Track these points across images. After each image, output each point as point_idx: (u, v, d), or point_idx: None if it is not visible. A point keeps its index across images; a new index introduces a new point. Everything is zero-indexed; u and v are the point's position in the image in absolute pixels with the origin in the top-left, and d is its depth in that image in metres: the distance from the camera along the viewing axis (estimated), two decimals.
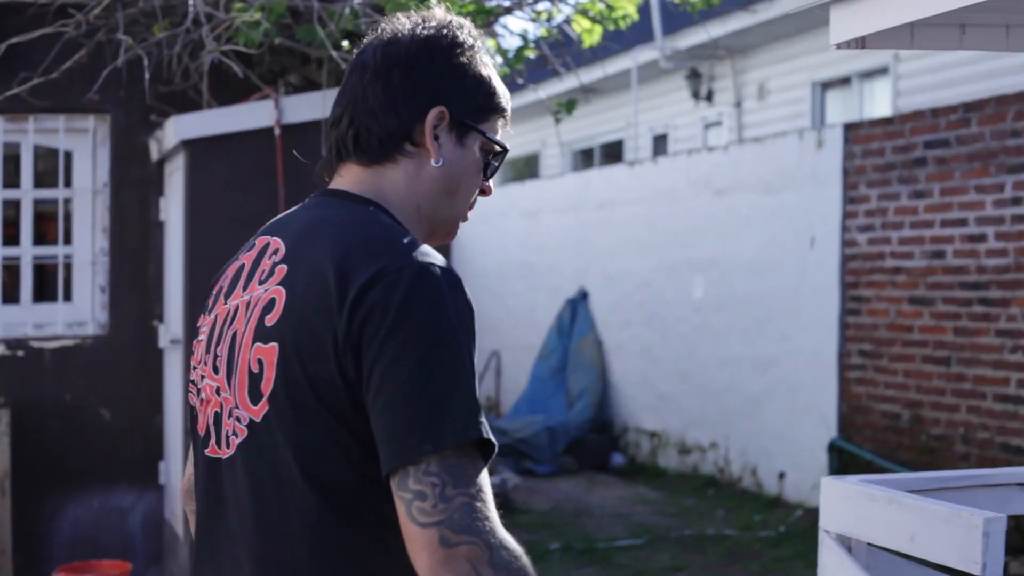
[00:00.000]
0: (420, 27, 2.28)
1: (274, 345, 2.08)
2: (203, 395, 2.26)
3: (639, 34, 16.12)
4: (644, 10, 15.11)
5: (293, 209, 2.32)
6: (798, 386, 10.88)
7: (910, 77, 12.71)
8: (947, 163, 9.35)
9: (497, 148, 2.34)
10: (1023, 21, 4.04)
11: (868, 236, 10.11)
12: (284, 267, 2.14)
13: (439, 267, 2.05)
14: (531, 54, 7.29)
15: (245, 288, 2.21)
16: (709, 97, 16.16)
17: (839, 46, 3.97)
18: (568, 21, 7.72)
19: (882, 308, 10.01)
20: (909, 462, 9.58)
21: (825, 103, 14.35)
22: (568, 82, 15.27)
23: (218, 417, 2.21)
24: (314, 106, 6.71)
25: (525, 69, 7.65)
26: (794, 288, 10.90)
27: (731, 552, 9.25)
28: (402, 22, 2.30)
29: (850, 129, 10.36)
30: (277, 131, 6.71)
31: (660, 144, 17.63)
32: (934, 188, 9.47)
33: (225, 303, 2.25)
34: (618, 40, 15.56)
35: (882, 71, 13.28)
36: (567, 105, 7.26)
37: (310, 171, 2.54)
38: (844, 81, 13.97)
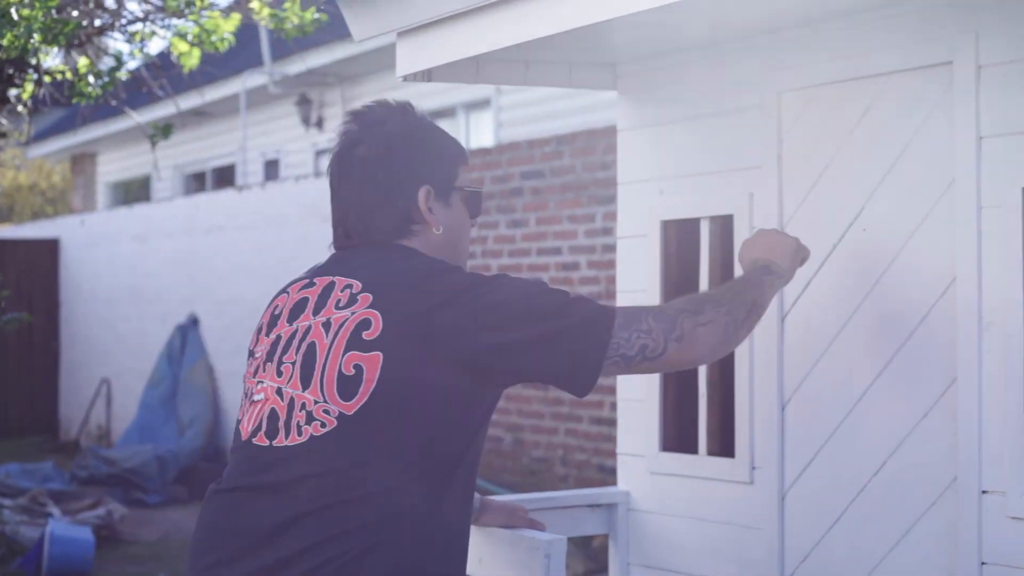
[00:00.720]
0: (376, 126, 2.81)
1: (377, 354, 2.56)
2: (256, 397, 2.69)
3: (249, 58, 16.01)
4: (253, 35, 15.02)
5: (335, 256, 2.83)
6: None
7: (511, 109, 13.04)
8: (542, 194, 9.63)
9: (472, 190, 2.91)
10: (583, 59, 4.20)
11: (470, 264, 10.29)
12: (369, 296, 2.62)
13: (483, 274, 2.71)
14: (123, 77, 7.11)
15: (317, 314, 2.67)
16: (320, 124, 16.18)
17: (406, 78, 4.01)
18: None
19: None
20: (513, 484, 9.80)
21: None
22: (182, 104, 15.03)
23: (274, 413, 2.64)
24: None
25: (122, 90, 7.47)
26: None
27: None
28: (356, 126, 2.83)
29: None
30: None
31: (272, 169, 17.54)
32: (530, 218, 9.74)
33: (290, 325, 2.71)
34: (227, 64, 15.40)
35: (485, 103, 13.59)
36: (163, 129, 7.12)
37: None
38: (450, 111, 14.22)
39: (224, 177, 19.15)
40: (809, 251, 3.31)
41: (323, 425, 2.58)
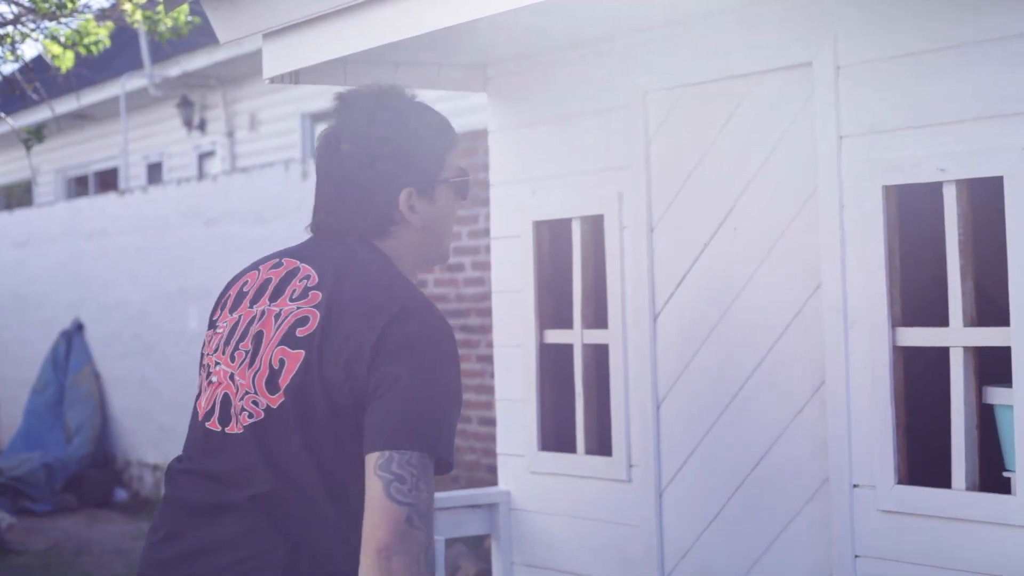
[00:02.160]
0: (361, 123, 2.66)
1: (301, 352, 2.55)
2: (213, 378, 2.68)
3: (129, 61, 15.83)
4: (133, 38, 14.84)
5: (310, 241, 2.76)
6: None
7: None
8: None
9: (458, 179, 2.79)
10: (452, 61, 4.20)
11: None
12: (318, 293, 2.60)
13: (437, 313, 2.60)
14: None
15: (273, 300, 2.65)
16: (202, 126, 16.03)
17: (273, 80, 3.98)
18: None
19: None
20: None
21: (315, 134, 14.49)
22: (58, 107, 14.84)
23: (227, 398, 2.63)
24: None
25: None
26: None
27: None
28: (340, 118, 2.68)
29: None
30: None
31: (156, 172, 17.36)
32: None
33: (251, 308, 2.68)
34: (108, 67, 15.22)
35: None
36: (36, 133, 7.04)
37: None
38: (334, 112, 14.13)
39: (107, 181, 18.90)
40: None
41: (251, 416, 2.60)
